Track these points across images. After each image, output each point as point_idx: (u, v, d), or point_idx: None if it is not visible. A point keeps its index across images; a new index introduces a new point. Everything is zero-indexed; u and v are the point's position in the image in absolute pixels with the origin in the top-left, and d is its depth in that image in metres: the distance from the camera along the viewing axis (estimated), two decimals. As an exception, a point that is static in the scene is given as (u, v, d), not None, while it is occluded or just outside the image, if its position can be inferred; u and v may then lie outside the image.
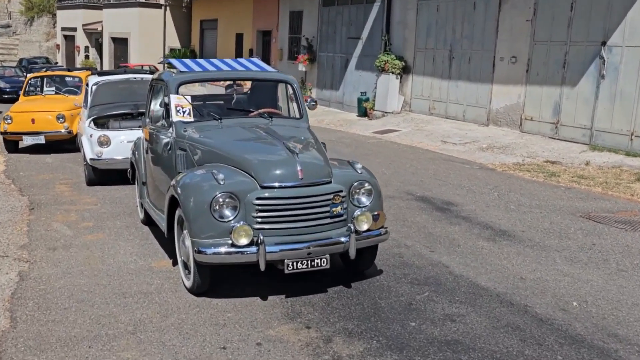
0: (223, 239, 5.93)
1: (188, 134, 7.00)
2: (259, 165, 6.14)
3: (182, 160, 6.92)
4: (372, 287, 6.59)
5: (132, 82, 11.82)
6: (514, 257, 7.58)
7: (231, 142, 6.72)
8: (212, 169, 6.23)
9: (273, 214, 6.02)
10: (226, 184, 5.96)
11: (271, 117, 7.60)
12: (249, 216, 5.95)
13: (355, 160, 6.77)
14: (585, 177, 12.46)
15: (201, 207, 5.92)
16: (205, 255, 5.89)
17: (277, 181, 6.04)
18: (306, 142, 6.77)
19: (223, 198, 5.92)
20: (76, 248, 7.78)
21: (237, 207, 5.95)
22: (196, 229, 5.94)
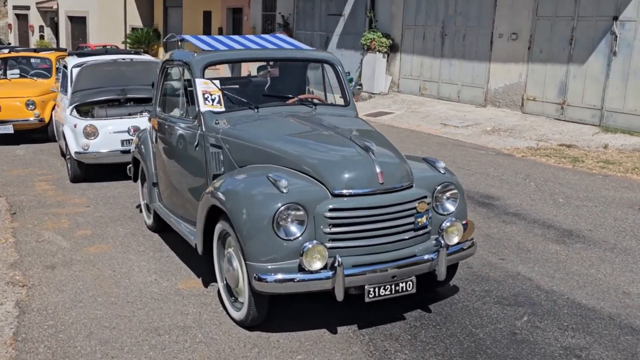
0: (288, 262, 4.67)
1: (222, 128, 5.68)
2: (329, 168, 4.87)
3: (217, 159, 5.61)
4: (457, 311, 5.40)
5: (120, 63, 10.36)
6: (598, 264, 6.45)
7: (284, 137, 5.44)
8: (266, 172, 4.96)
9: (349, 229, 4.78)
10: (291, 192, 4.69)
11: (314, 104, 6.35)
12: (319, 232, 4.70)
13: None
14: (611, 162, 11.51)
15: (260, 223, 4.64)
16: (266, 284, 4.62)
17: (353, 187, 4.79)
18: (372, 136, 5.52)
19: (289, 210, 4.66)
20: (79, 265, 6.41)
21: (305, 222, 4.70)
22: (254, 250, 4.66)
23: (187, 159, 6.11)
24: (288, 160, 5.10)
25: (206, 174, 5.77)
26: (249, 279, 4.74)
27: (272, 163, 5.20)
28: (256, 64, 7.27)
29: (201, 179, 5.84)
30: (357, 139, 5.14)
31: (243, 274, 4.87)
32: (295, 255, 4.65)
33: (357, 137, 5.19)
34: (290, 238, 4.66)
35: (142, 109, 10.23)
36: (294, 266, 4.66)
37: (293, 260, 4.66)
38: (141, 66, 10.58)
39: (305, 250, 4.55)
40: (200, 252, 5.51)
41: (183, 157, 6.19)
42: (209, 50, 6.28)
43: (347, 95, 6.56)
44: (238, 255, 4.92)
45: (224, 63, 6.41)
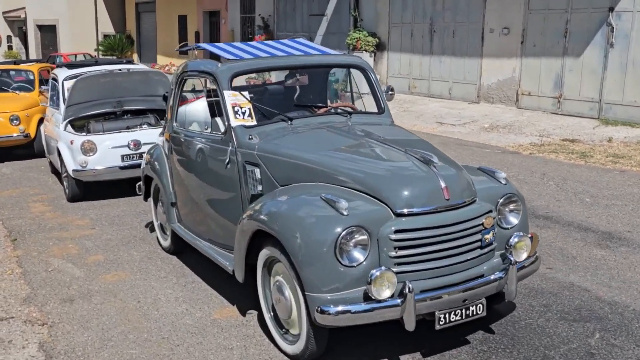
0: (351, 291, 4.22)
1: (258, 144, 5.20)
2: (390, 185, 4.42)
3: (254, 178, 5.14)
4: (522, 330, 4.98)
5: (117, 74, 9.78)
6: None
7: (331, 151, 4.97)
8: (318, 192, 4.50)
9: (416, 251, 4.33)
10: (352, 214, 4.24)
11: (349, 113, 5.91)
12: (383, 256, 4.25)
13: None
14: (621, 157, 11.25)
15: (320, 249, 4.17)
16: (329, 317, 4.16)
17: (418, 205, 4.35)
18: (426, 147, 5.08)
19: (352, 234, 4.21)
20: (99, 296, 5.89)
21: (368, 246, 4.25)
22: (314, 279, 4.19)
23: (215, 178, 5.62)
24: (340, 177, 4.63)
25: (240, 194, 5.29)
26: (308, 311, 4.28)
27: (320, 181, 4.74)
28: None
29: (234, 199, 5.37)
30: (413, 152, 4.71)
31: (299, 305, 4.41)
32: (359, 283, 4.21)
33: (412, 150, 4.76)
34: (354, 265, 4.21)
35: (141, 122, 9.73)
36: (359, 295, 4.21)
37: (357, 288, 4.21)
38: (138, 76, 10.04)
39: (373, 278, 4.10)
40: (241, 280, 5.03)
41: (210, 175, 5.69)
42: (232, 60, 5.80)
43: (382, 101, 6.13)
44: (292, 285, 4.46)
45: (251, 72, 5.92)
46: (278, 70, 6.14)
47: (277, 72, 6.79)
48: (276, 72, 6.69)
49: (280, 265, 4.62)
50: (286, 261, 4.40)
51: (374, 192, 4.43)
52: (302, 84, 6.41)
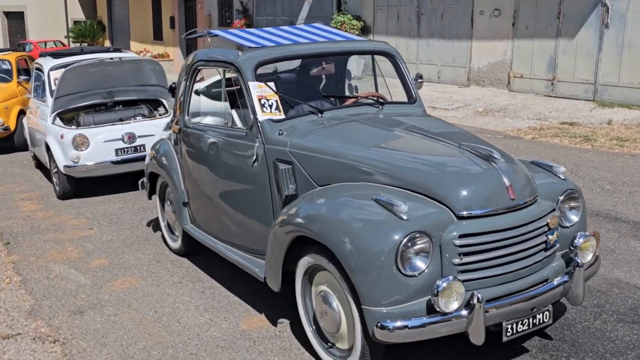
0: (413, 303, 3.80)
1: (290, 139, 4.75)
2: (451, 184, 4.00)
3: (288, 177, 4.68)
4: (580, 335, 4.64)
5: (107, 64, 9.18)
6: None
7: (377, 148, 4.52)
8: (370, 193, 4.08)
9: (481, 257, 3.93)
10: (412, 219, 3.81)
11: (381, 103, 5.48)
12: (446, 264, 3.84)
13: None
14: (624, 139, 10.98)
15: (378, 258, 3.73)
16: (390, 332, 3.74)
17: (483, 207, 3.94)
18: (477, 140, 4.67)
19: (414, 241, 3.78)
20: (111, 307, 5.41)
21: (430, 253, 3.83)
22: (373, 292, 3.75)
23: (238, 177, 5.15)
24: (391, 176, 4.19)
25: (270, 194, 4.84)
26: (365, 326, 3.87)
27: (366, 180, 4.30)
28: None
29: (262, 200, 4.91)
30: (468, 146, 4.29)
31: (350, 318, 3.99)
32: (421, 294, 3.79)
33: (466, 144, 4.34)
34: (415, 274, 3.78)
35: (134, 113, 9.21)
36: (421, 307, 3.79)
37: (418, 300, 3.79)
38: (130, 65, 9.46)
39: (440, 289, 3.68)
40: (277, 290, 4.59)
41: (232, 174, 5.22)
42: (253, 47, 5.32)
43: (412, 90, 5.71)
44: (342, 296, 4.03)
45: (276, 61, 5.43)
46: (304, 58, 5.67)
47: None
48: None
49: (325, 274, 4.19)
50: (336, 271, 3.97)
51: (432, 193, 4.01)
52: (329, 73, 5.96)
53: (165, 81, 9.62)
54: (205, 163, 5.59)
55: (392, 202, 3.85)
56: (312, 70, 5.87)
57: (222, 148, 5.31)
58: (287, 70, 6.33)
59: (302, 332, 4.66)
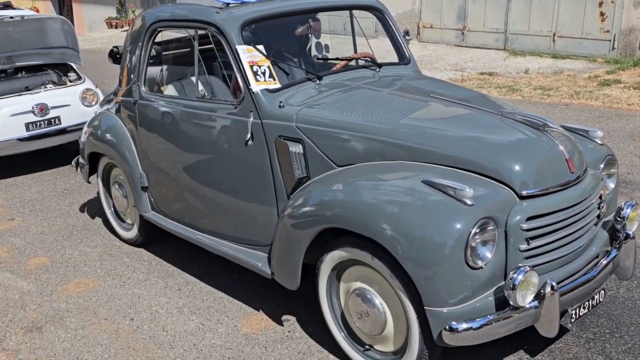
0: (480, 299, 3.46)
1: (297, 112, 4.24)
2: (510, 160, 3.65)
3: (299, 159, 4.19)
4: (611, 305, 4.48)
5: (6, 24, 8.17)
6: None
7: (407, 119, 4.09)
8: (413, 174, 3.68)
9: (548, 240, 3.63)
10: (478, 203, 3.45)
11: (378, 65, 5.07)
12: (511, 251, 3.51)
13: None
14: (548, 89, 11.22)
15: (444, 251, 3.35)
16: (460, 335, 3.39)
17: (547, 183, 3.63)
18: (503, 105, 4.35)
19: (483, 230, 3.43)
20: (74, 317, 4.70)
21: (495, 240, 3.50)
22: (439, 290, 3.37)
23: (227, 158, 4.55)
24: (433, 153, 3.78)
25: (273, 177, 4.33)
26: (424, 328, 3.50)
27: (401, 158, 3.87)
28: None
29: (261, 184, 4.38)
30: (510, 114, 3.98)
31: (408, 319, 3.60)
32: (486, 288, 3.47)
33: (507, 112, 4.02)
34: (482, 266, 3.44)
35: (42, 81, 8.31)
36: (489, 302, 3.46)
37: (484, 294, 3.46)
38: (33, 25, 8.43)
39: (517, 282, 3.36)
40: (295, 289, 4.12)
41: (218, 155, 4.60)
42: (234, 3, 4.73)
43: (405, 49, 5.32)
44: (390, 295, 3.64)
45: (263, 20, 4.82)
46: (293, 15, 5.11)
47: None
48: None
49: (361, 269, 3.77)
50: (384, 267, 3.55)
51: (487, 171, 3.64)
52: (316, 31, 5.46)
53: (76, 42, 8.71)
54: (175, 142, 4.94)
55: (452, 185, 3.47)
56: (298, 29, 5.35)
57: (200, 124, 4.71)
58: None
59: (315, 330, 4.27)
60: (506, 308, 3.44)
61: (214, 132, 4.61)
